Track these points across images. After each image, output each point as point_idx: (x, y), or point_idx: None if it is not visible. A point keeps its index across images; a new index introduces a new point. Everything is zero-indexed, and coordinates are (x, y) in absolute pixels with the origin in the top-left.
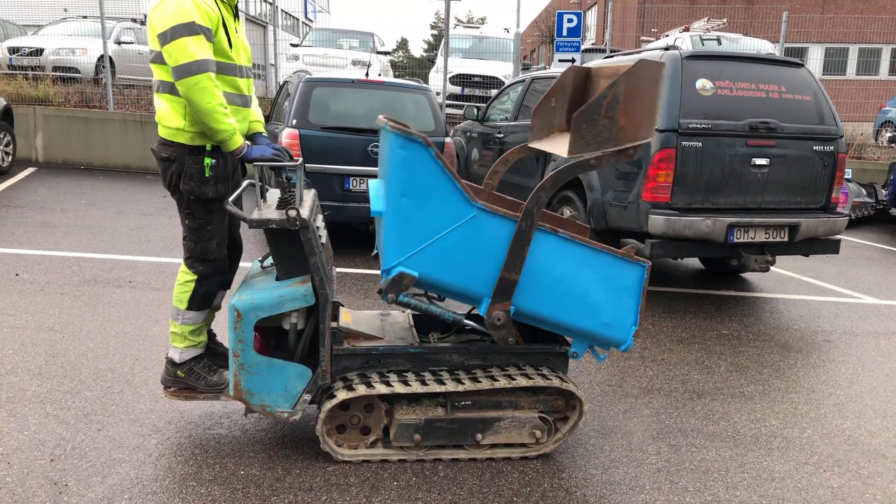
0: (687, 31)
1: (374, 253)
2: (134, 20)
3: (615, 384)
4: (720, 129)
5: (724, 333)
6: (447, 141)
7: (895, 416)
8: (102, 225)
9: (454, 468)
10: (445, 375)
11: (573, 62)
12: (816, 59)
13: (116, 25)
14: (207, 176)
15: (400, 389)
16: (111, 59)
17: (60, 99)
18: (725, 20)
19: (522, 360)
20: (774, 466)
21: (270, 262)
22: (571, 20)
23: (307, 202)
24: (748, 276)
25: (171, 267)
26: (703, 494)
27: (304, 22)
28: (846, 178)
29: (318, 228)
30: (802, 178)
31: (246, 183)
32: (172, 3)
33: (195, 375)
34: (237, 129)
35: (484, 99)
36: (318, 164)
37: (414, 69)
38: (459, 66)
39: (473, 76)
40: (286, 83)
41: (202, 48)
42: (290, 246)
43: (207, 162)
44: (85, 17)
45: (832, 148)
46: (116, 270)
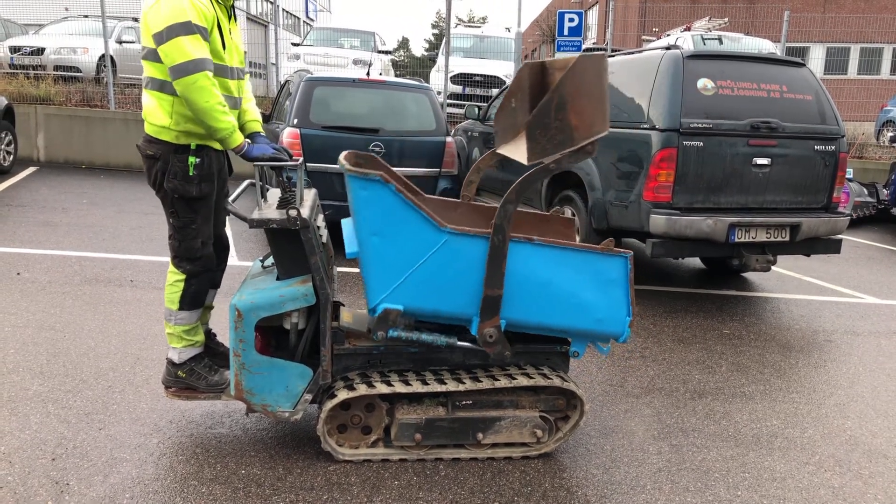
0: (688, 30)
1: None
2: (135, 19)
3: (616, 384)
4: (721, 128)
5: (725, 333)
6: (448, 140)
7: None
8: (104, 224)
9: (455, 468)
10: (446, 375)
11: None
12: (818, 58)
13: (118, 24)
14: (191, 175)
15: (401, 389)
16: (112, 58)
17: (62, 98)
18: (727, 20)
19: (523, 359)
20: (776, 466)
21: (271, 261)
22: (573, 19)
23: (308, 202)
24: (749, 275)
25: None
26: (704, 494)
27: (305, 21)
28: (847, 177)
29: (318, 228)
30: (804, 177)
31: (246, 182)
32: (169, 2)
33: (196, 375)
34: (236, 126)
35: (485, 98)
36: (319, 163)
37: (415, 68)
38: (461, 65)
39: (475, 75)
40: (287, 82)
41: (199, 47)
42: (290, 245)
43: (191, 161)
44: (86, 16)
45: (833, 147)
46: (118, 270)
